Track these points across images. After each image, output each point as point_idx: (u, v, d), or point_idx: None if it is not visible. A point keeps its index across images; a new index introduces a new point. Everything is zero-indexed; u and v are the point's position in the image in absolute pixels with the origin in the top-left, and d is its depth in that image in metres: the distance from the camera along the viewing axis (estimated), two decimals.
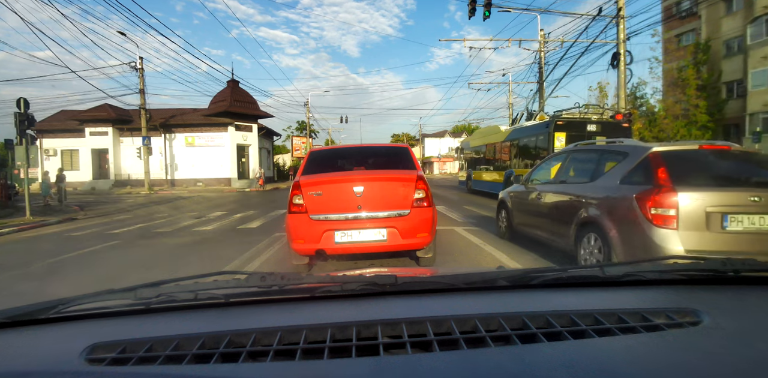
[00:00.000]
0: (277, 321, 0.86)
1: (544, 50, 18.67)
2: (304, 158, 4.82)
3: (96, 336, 0.80)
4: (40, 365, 0.72)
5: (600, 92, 21.91)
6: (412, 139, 68.28)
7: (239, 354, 0.72)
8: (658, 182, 3.39)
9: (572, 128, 10.87)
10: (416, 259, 4.56)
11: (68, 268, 5.25)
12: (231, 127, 26.29)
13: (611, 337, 0.74)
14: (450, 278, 1.06)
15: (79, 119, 26.18)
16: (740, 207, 3.24)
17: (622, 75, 13.76)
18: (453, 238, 6.44)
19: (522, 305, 0.93)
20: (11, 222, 9.91)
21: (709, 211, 3.23)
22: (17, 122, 10.01)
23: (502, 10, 14.50)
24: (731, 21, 22.98)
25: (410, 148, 5.13)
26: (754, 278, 1.06)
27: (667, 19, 22.58)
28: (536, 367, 0.63)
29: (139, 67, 21.70)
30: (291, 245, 4.10)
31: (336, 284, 0.99)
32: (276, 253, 5.60)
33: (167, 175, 26.73)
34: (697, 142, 3.84)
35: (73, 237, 7.92)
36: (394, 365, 0.65)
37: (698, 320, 0.80)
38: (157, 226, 9.03)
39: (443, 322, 0.82)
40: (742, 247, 3.23)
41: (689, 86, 21.79)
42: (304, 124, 44.04)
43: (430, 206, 4.15)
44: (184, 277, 1.03)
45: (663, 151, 3.65)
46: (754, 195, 3.23)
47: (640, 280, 1.06)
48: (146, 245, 6.76)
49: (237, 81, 27.01)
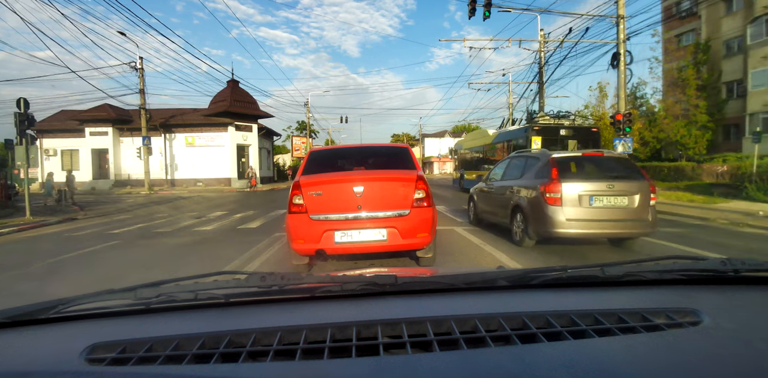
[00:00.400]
0: (277, 321, 0.86)
1: (544, 50, 18.67)
2: (304, 158, 4.81)
3: (96, 336, 0.80)
4: (40, 365, 0.72)
5: (600, 92, 21.89)
6: (412, 139, 68.26)
7: (239, 354, 0.72)
8: (551, 177, 5.28)
9: (547, 132, 12.28)
10: (416, 259, 4.56)
11: (68, 268, 5.25)
12: (231, 127, 26.30)
13: (611, 337, 0.74)
14: (450, 278, 1.06)
15: (79, 119, 26.18)
16: (600, 191, 5.17)
17: (622, 75, 13.76)
18: (453, 238, 6.44)
19: (522, 305, 0.93)
20: (11, 222, 9.92)
21: (581, 194, 5.16)
22: (17, 122, 10.01)
23: (502, 10, 14.48)
24: (731, 21, 22.98)
25: (410, 148, 5.13)
26: (754, 278, 1.06)
27: (667, 19, 22.57)
28: (536, 367, 0.63)
29: (139, 67, 21.70)
30: (291, 245, 4.10)
31: (336, 284, 0.99)
32: (276, 253, 5.60)
33: (167, 175, 26.73)
34: (582, 151, 6.04)
35: (73, 237, 7.92)
36: (394, 365, 0.65)
37: (698, 320, 0.80)
38: (157, 226, 9.03)
39: (443, 322, 0.82)
40: (600, 216, 5.12)
41: (689, 86, 21.76)
42: (304, 124, 44.06)
43: (430, 206, 4.14)
44: (184, 277, 1.03)
45: (557, 157, 5.53)
46: (609, 184, 5.19)
47: (640, 280, 1.06)
48: (146, 245, 6.76)
49: (237, 81, 27.03)
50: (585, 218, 5.08)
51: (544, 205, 5.21)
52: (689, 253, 5.19)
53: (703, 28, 24.60)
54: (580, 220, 5.09)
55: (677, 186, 16.56)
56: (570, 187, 5.15)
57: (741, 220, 7.86)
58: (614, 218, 5.11)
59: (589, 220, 5.10)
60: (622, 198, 5.16)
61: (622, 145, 13.48)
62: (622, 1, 13.50)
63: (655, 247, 5.74)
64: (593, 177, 5.32)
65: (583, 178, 5.29)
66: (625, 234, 5.40)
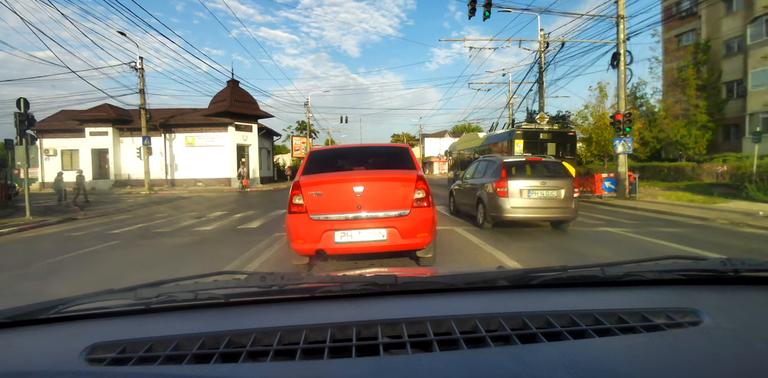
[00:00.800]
0: (277, 321, 0.86)
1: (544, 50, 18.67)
2: (304, 158, 4.81)
3: (96, 336, 0.80)
4: (40, 365, 0.72)
5: (600, 92, 21.84)
6: (412, 139, 68.23)
7: (239, 354, 0.72)
8: (501, 176, 7.09)
9: (528, 136, 13.76)
10: (416, 259, 4.56)
11: (68, 268, 5.25)
12: (231, 127, 26.29)
13: (611, 337, 0.74)
14: (450, 278, 1.06)
15: (79, 119, 26.17)
16: (536, 187, 6.97)
17: (622, 75, 13.76)
18: (453, 238, 6.44)
19: (522, 305, 0.93)
20: (11, 222, 9.91)
21: (522, 189, 6.94)
22: (17, 122, 10.01)
23: (502, 10, 14.48)
24: (731, 21, 22.98)
25: (410, 148, 5.13)
26: (754, 278, 1.06)
27: (667, 19, 22.57)
28: (536, 367, 0.63)
29: (139, 67, 21.70)
30: (291, 245, 4.10)
31: (336, 284, 0.99)
32: (276, 253, 5.60)
33: (167, 175, 26.72)
34: (526, 156, 8.07)
35: (73, 237, 7.91)
36: (394, 365, 0.65)
37: (698, 320, 0.80)
38: (157, 226, 9.03)
39: (443, 322, 0.82)
40: (536, 205, 6.88)
41: (689, 86, 21.75)
42: (304, 124, 44.05)
43: (430, 206, 4.14)
44: (184, 277, 1.03)
45: (507, 161, 7.42)
46: (543, 181, 7.00)
47: (640, 280, 1.06)
48: (146, 245, 6.76)
49: (237, 81, 27.02)
50: (525, 206, 6.93)
51: (497, 197, 7.03)
52: (689, 253, 5.20)
53: (703, 28, 24.60)
54: (521, 208, 6.91)
55: (677, 186, 16.57)
56: (514, 183, 6.98)
57: (741, 220, 7.86)
58: (546, 206, 6.97)
59: (528, 208, 6.93)
60: (552, 191, 6.98)
61: (622, 145, 13.48)
62: (622, 1, 13.50)
63: (656, 247, 5.75)
64: (532, 176, 7.21)
65: (524, 177, 7.16)
66: (554, 218, 7.19)
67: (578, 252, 5.49)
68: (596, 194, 14.00)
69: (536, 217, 7.06)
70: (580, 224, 7.90)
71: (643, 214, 9.86)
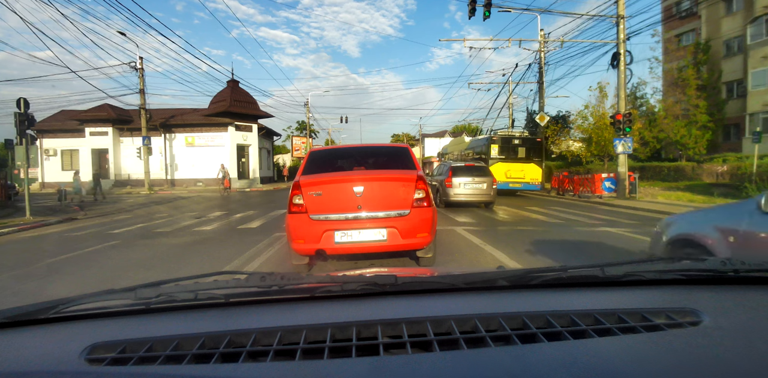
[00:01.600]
0: (277, 321, 0.86)
1: (544, 50, 18.66)
2: (304, 158, 4.80)
3: (96, 336, 0.80)
4: (40, 365, 0.72)
5: (600, 92, 21.80)
6: (412, 139, 68.19)
7: (239, 354, 0.72)
8: (449, 174, 11.53)
9: (503, 142, 16.51)
10: (416, 259, 4.56)
11: (68, 268, 5.25)
12: (231, 127, 26.29)
13: (611, 337, 0.74)
14: (450, 278, 1.06)
15: (79, 119, 26.17)
16: (469, 181, 11.39)
17: (622, 75, 13.76)
18: (453, 238, 6.44)
19: (522, 305, 0.93)
20: (11, 222, 9.91)
21: (460, 183, 11.38)
22: (17, 122, 10.01)
23: (502, 10, 14.50)
24: (731, 21, 22.98)
25: (410, 147, 5.13)
26: (754, 278, 1.06)
27: (667, 19, 22.56)
28: (536, 367, 0.63)
29: (139, 67, 21.70)
30: (291, 245, 4.09)
31: (336, 284, 0.99)
32: (276, 253, 5.60)
33: (167, 175, 26.72)
34: (465, 162, 13.24)
35: (73, 237, 7.91)
36: (394, 365, 0.65)
37: (698, 320, 0.79)
38: (157, 226, 9.03)
39: (443, 322, 0.82)
40: (469, 192, 11.33)
41: (689, 86, 21.71)
42: (304, 124, 44.03)
43: (430, 206, 4.14)
44: (184, 277, 1.03)
45: (453, 165, 12.06)
46: (473, 178, 11.41)
47: (640, 280, 1.05)
48: (146, 245, 6.75)
49: (237, 81, 27.03)
50: (463, 193, 11.29)
51: (446, 188, 11.41)
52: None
53: (703, 28, 24.60)
54: (460, 194, 11.29)
55: (677, 186, 16.56)
56: (456, 179, 11.33)
57: None
58: (475, 193, 11.31)
59: (464, 194, 11.28)
60: (479, 184, 11.28)
61: (622, 145, 13.48)
62: (622, 1, 13.50)
63: None
64: (467, 174, 11.40)
65: (462, 175, 11.40)
66: (480, 201, 11.44)
67: (579, 252, 5.49)
68: (596, 194, 14.02)
69: (470, 200, 11.37)
70: (580, 224, 7.90)
71: (643, 214, 9.86)
